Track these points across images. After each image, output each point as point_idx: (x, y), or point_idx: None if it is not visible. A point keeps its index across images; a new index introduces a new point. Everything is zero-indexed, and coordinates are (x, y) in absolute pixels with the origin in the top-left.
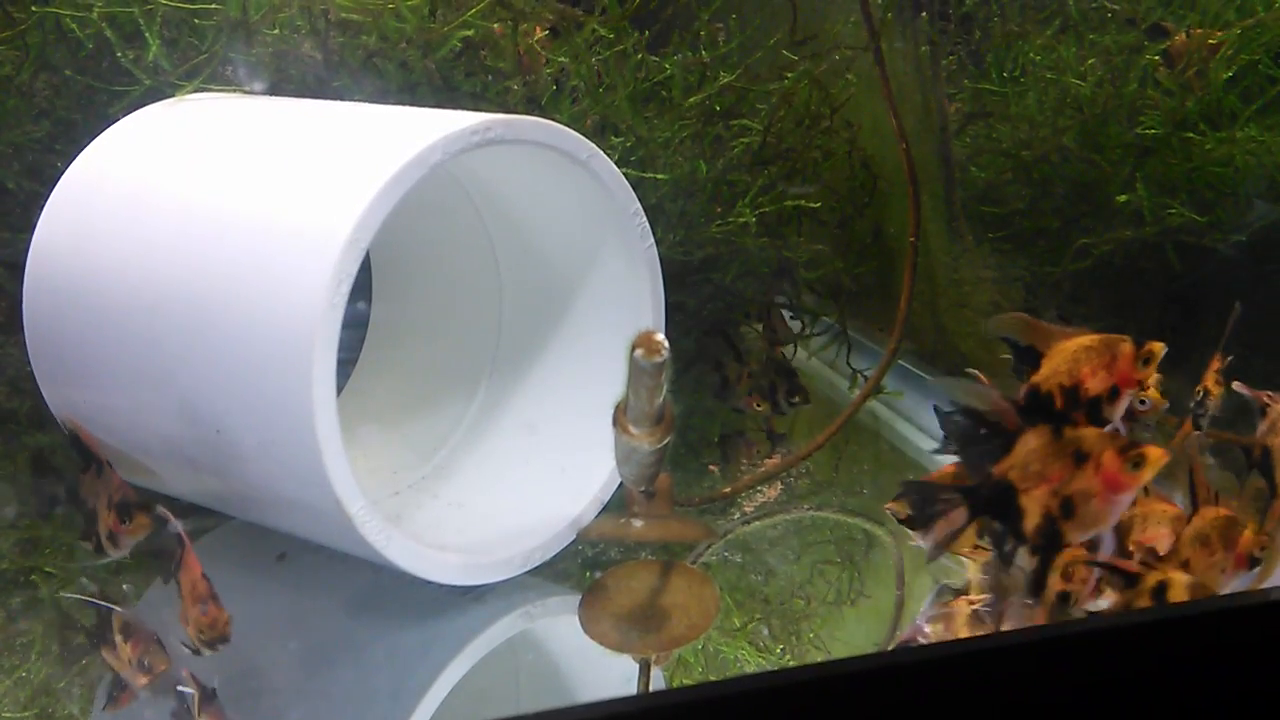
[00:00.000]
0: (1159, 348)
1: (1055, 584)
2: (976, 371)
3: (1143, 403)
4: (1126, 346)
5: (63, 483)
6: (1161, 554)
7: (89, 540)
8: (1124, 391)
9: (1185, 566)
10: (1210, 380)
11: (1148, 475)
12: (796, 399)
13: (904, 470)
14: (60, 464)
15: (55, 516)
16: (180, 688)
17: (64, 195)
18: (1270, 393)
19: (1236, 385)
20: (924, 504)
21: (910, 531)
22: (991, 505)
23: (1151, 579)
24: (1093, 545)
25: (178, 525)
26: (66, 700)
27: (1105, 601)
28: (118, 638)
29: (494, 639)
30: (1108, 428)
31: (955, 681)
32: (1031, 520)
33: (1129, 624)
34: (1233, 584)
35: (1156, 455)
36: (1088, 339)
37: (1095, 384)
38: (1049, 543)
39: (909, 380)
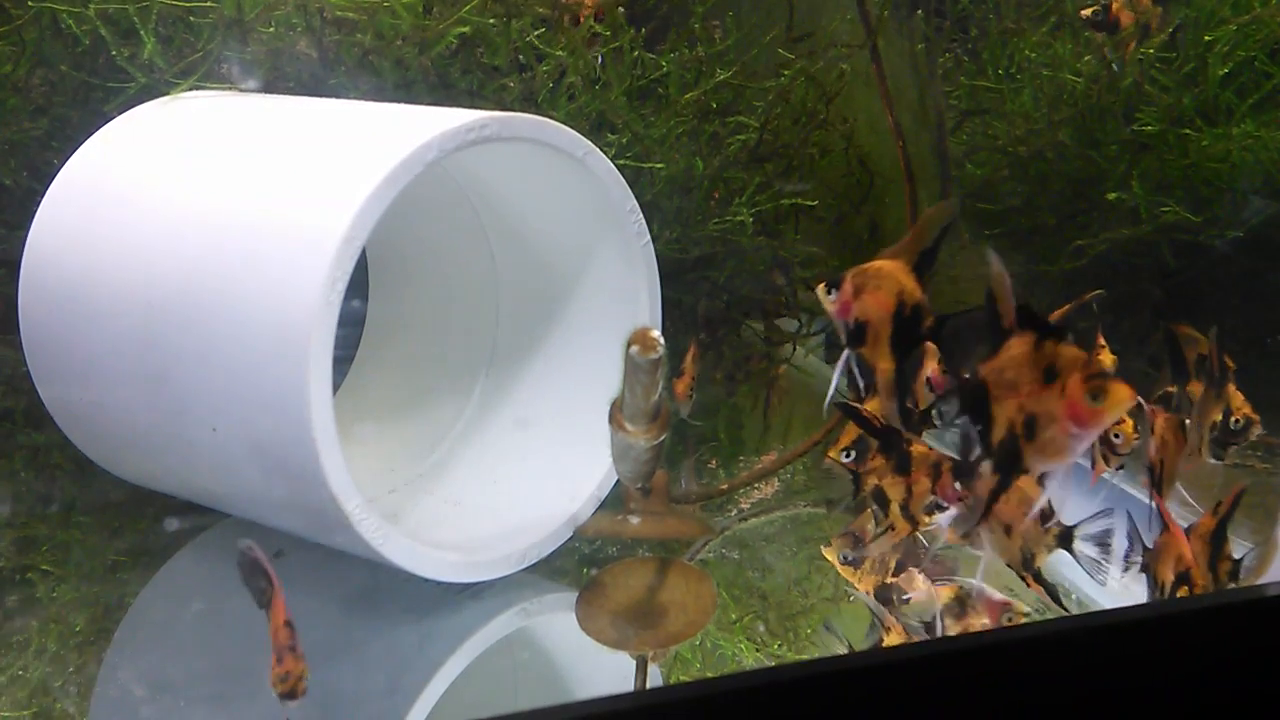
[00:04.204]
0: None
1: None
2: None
3: (1116, 436)
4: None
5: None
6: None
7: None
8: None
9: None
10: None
11: (1108, 415)
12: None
13: None
14: (57, 461)
15: (51, 515)
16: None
17: (60, 193)
18: (1155, 407)
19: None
20: (947, 393)
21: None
22: (968, 405)
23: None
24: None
25: (265, 563)
26: (63, 699)
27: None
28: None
29: (491, 636)
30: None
31: (953, 677)
32: (997, 433)
33: (1127, 620)
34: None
35: (1121, 394)
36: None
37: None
38: (1009, 462)
39: None
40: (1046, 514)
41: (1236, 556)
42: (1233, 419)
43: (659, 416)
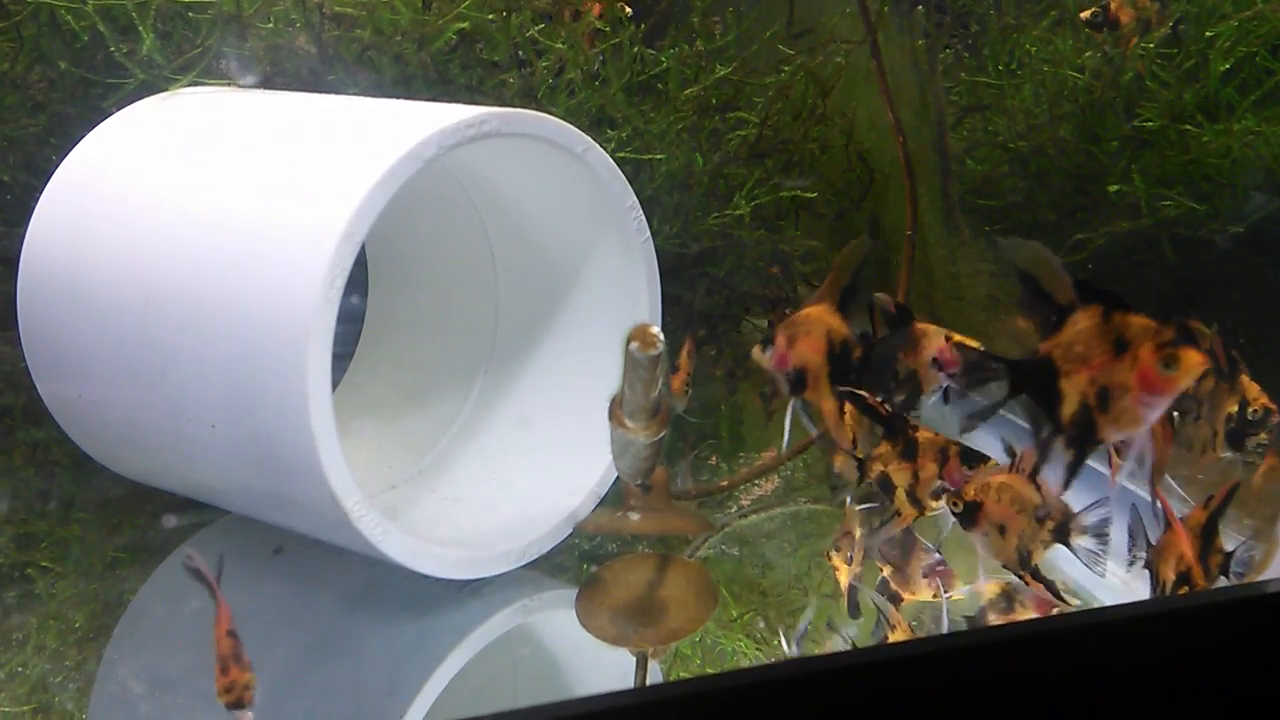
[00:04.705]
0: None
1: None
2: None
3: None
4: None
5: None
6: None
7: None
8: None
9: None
10: None
11: (1182, 380)
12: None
13: None
14: (56, 458)
15: (50, 512)
16: None
17: (59, 189)
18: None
19: None
20: (970, 370)
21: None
22: (1033, 383)
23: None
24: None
25: (203, 568)
26: (63, 696)
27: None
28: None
29: (491, 633)
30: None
31: (953, 674)
32: (1069, 407)
33: (1127, 616)
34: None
35: (1193, 360)
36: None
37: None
38: (1084, 435)
39: None
40: (1041, 510)
41: (1228, 550)
42: (1250, 410)
43: (659, 413)
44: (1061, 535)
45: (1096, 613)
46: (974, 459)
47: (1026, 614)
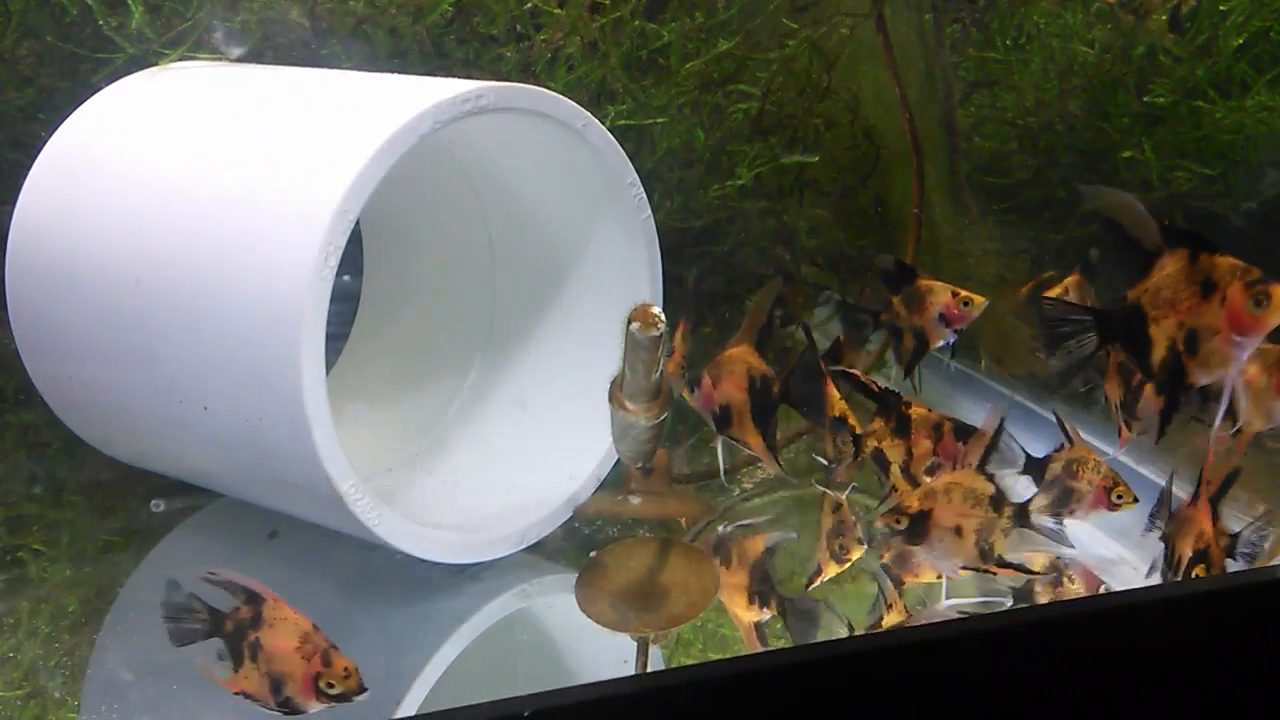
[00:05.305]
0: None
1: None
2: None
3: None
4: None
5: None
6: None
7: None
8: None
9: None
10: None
11: (1272, 318)
12: None
13: None
14: (47, 440)
15: (42, 495)
16: None
17: (47, 166)
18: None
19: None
20: (1054, 323)
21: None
22: (1122, 332)
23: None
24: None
25: (235, 578)
26: (55, 679)
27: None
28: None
29: (490, 618)
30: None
31: (956, 659)
32: (1158, 352)
33: (1136, 602)
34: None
35: None
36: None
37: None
38: (1174, 379)
39: None
40: (999, 500)
41: (1234, 531)
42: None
43: (660, 395)
44: (1022, 518)
45: (1110, 597)
46: (967, 434)
47: (1075, 589)
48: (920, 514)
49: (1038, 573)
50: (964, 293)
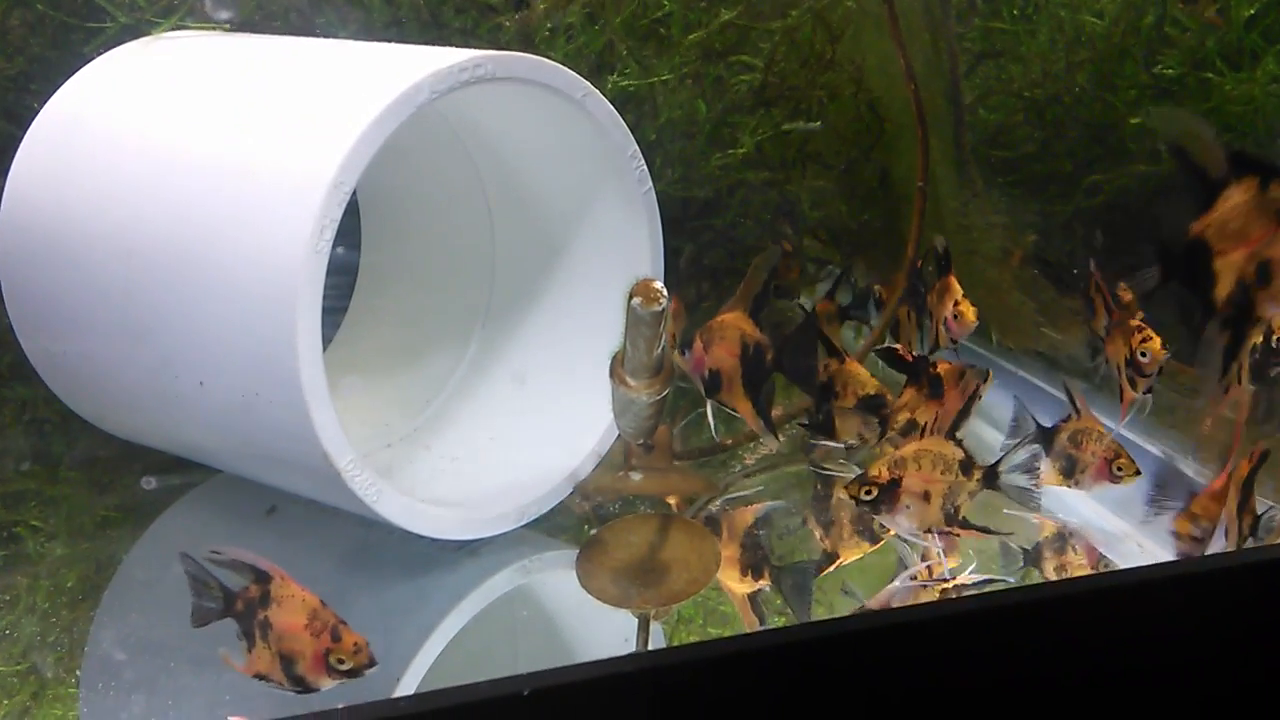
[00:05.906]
0: None
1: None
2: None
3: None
4: None
5: None
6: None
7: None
8: None
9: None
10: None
11: None
12: None
13: None
14: (44, 416)
15: (38, 471)
16: None
17: (38, 137)
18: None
19: None
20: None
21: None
22: (1184, 268)
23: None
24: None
25: (243, 555)
26: (53, 654)
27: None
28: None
29: (489, 595)
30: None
31: (957, 637)
32: (1224, 287)
33: (1152, 578)
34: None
35: None
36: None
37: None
38: (1241, 314)
39: None
40: (968, 464)
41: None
42: (1275, 338)
43: (662, 370)
44: (990, 480)
45: (1116, 575)
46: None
47: (1078, 559)
48: (891, 483)
49: (998, 532)
50: (962, 304)
